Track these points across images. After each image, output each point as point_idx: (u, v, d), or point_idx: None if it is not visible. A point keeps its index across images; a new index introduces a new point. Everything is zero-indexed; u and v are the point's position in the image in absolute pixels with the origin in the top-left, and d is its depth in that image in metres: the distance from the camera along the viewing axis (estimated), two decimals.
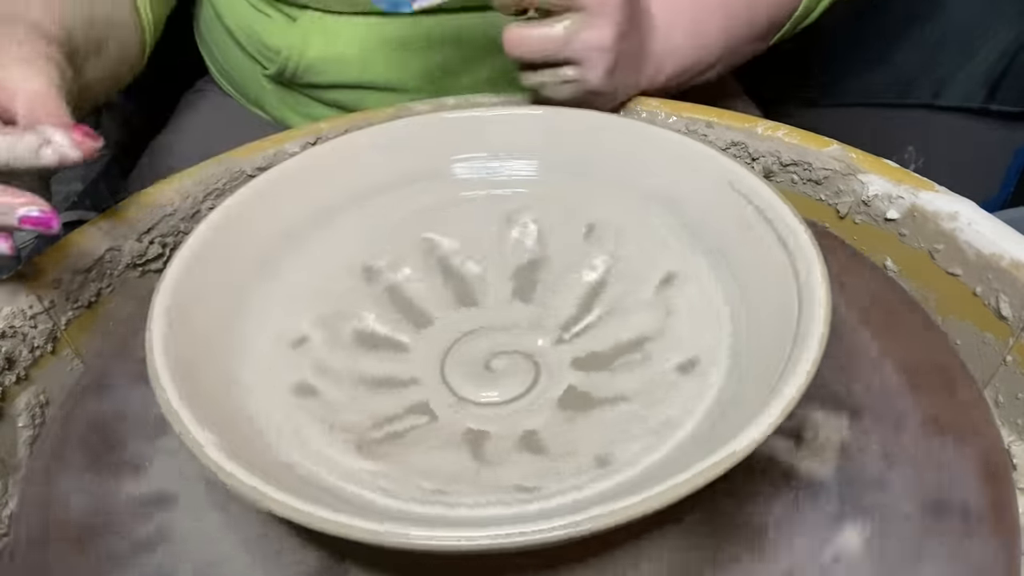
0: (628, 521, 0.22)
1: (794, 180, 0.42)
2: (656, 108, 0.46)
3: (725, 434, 0.24)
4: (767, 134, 0.43)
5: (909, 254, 0.37)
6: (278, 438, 0.28)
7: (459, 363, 0.33)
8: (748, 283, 0.32)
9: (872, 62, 0.93)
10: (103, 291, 0.39)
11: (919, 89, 0.92)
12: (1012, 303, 0.32)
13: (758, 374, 0.27)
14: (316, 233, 0.36)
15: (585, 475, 0.27)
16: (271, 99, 0.59)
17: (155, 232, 0.41)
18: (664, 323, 0.33)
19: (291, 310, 0.33)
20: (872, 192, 0.38)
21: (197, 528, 0.30)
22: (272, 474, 0.24)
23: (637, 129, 0.37)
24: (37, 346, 0.36)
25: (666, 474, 0.23)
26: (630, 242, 0.36)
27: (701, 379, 0.30)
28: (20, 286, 0.35)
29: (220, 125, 0.63)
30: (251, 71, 0.59)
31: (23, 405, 0.34)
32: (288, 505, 0.23)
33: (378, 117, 0.47)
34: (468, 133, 0.39)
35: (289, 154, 0.46)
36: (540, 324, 0.35)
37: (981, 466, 0.29)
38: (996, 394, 0.33)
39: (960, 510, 0.28)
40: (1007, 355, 0.33)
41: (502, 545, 0.22)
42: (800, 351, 0.25)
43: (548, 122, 0.39)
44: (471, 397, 0.32)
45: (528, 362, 0.33)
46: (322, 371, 0.32)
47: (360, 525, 0.22)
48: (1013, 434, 0.32)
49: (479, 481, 0.28)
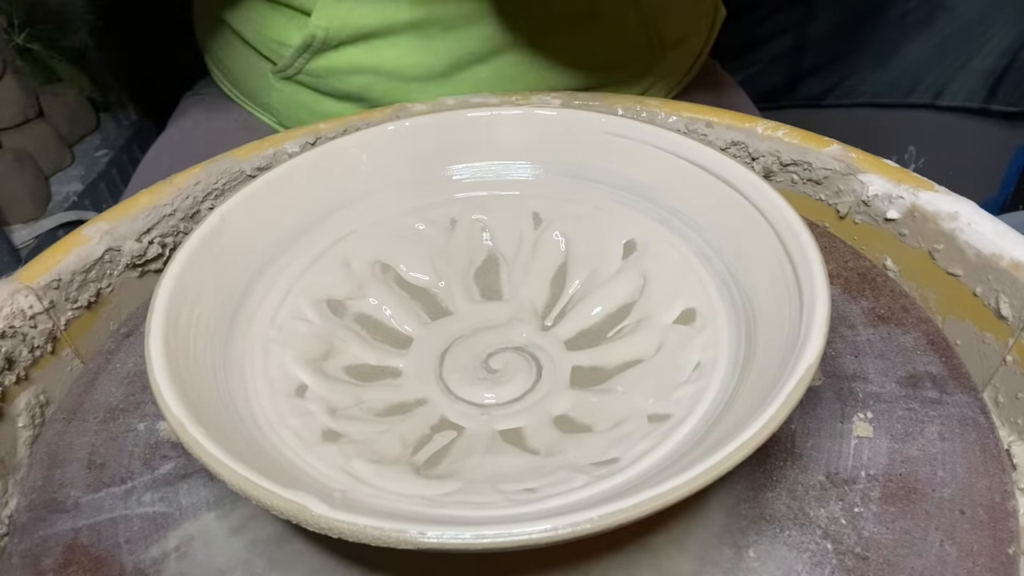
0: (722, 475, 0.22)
1: (794, 180, 0.42)
2: (656, 108, 0.46)
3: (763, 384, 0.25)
4: (767, 134, 0.43)
5: (909, 254, 0.37)
6: (329, 478, 0.27)
7: (458, 373, 0.33)
8: (744, 281, 0.32)
9: (873, 62, 0.93)
10: (103, 291, 0.39)
11: (919, 89, 0.92)
12: (1012, 303, 0.32)
13: (766, 339, 0.29)
14: (292, 260, 0.36)
15: (651, 436, 0.28)
16: (279, 97, 0.59)
17: (155, 232, 0.41)
18: (643, 286, 0.34)
19: (275, 353, 0.32)
20: (872, 192, 0.38)
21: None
22: (359, 511, 0.23)
23: (626, 129, 0.37)
24: (37, 346, 0.36)
25: (723, 430, 0.23)
26: (584, 224, 0.37)
27: (710, 328, 0.31)
28: (20, 286, 0.35)
29: (220, 126, 0.63)
30: (257, 71, 0.59)
31: (23, 405, 0.34)
32: (423, 542, 0.21)
33: (377, 117, 0.48)
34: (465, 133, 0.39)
35: (288, 154, 0.46)
36: (518, 318, 0.36)
37: (926, 342, 0.34)
38: (996, 394, 0.33)
39: (929, 377, 0.33)
40: (1007, 355, 0.33)
41: (637, 514, 0.21)
42: (801, 352, 0.25)
43: (520, 123, 0.39)
44: (485, 401, 0.32)
45: (523, 355, 0.34)
46: (335, 414, 0.31)
47: (518, 531, 0.21)
48: (1013, 434, 0.32)
49: (548, 471, 0.28)
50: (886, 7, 0.89)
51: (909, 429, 0.31)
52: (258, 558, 0.28)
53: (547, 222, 0.38)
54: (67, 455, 0.33)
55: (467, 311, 0.36)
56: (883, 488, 0.29)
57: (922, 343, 0.34)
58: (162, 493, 0.31)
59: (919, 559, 0.26)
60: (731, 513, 0.28)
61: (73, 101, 1.02)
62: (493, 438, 0.30)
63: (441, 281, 0.37)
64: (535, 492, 0.26)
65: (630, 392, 0.31)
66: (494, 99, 0.48)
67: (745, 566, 0.27)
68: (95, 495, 0.31)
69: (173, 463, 0.32)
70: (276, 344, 0.32)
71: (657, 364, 0.32)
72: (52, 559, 0.29)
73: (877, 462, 0.29)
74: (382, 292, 0.36)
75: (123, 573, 0.28)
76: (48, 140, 0.97)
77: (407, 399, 0.32)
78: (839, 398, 0.32)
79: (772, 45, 0.97)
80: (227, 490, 0.29)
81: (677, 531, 0.28)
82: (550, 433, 0.30)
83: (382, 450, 0.29)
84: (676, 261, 0.34)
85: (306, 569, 0.28)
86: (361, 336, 0.35)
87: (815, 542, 0.27)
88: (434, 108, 0.47)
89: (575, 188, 0.38)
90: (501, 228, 0.38)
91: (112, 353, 0.38)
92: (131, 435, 0.33)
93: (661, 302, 0.34)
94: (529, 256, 0.38)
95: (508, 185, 0.39)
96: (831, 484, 0.29)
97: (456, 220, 0.38)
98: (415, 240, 0.38)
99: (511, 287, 0.37)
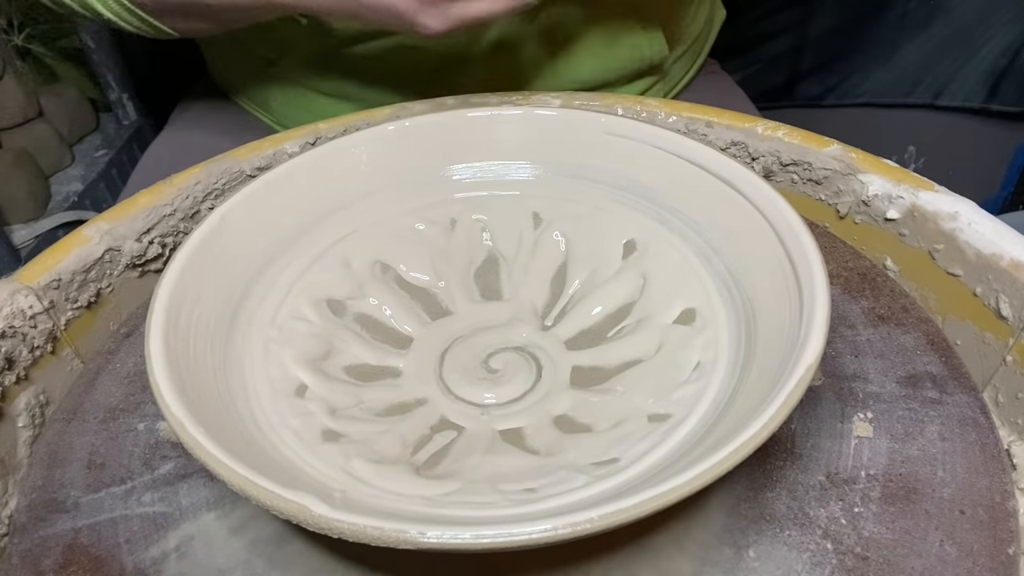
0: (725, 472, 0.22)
1: (794, 180, 0.42)
2: (656, 108, 0.46)
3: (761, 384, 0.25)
4: (767, 134, 0.43)
5: (909, 254, 0.37)
6: (329, 478, 0.27)
7: (458, 373, 0.33)
8: (744, 281, 0.32)
9: (873, 62, 0.93)
10: (103, 291, 0.39)
11: (919, 89, 0.92)
12: (1012, 303, 0.32)
13: (766, 339, 0.29)
14: (291, 261, 0.36)
15: (651, 436, 0.28)
16: (277, 96, 0.59)
17: (155, 232, 0.41)
18: (643, 286, 0.34)
19: (275, 353, 0.32)
20: (872, 192, 0.38)
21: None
22: (360, 512, 0.23)
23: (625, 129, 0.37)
24: (37, 346, 0.36)
25: (723, 430, 0.23)
26: (584, 224, 0.37)
27: (710, 328, 0.31)
28: (20, 286, 0.35)
29: (219, 125, 0.63)
30: (256, 70, 0.59)
31: (23, 405, 0.34)
32: (427, 542, 0.21)
33: (377, 117, 0.48)
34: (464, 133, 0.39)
35: (288, 154, 0.46)
36: (518, 318, 0.36)
37: (926, 342, 0.34)
38: (996, 394, 0.33)
39: (929, 377, 0.33)
40: (1007, 355, 0.33)
41: (638, 514, 0.21)
42: (801, 352, 0.25)
43: (524, 123, 0.39)
44: (485, 401, 0.32)
45: (523, 355, 0.34)
46: (335, 414, 0.31)
47: (518, 531, 0.21)
48: (1013, 434, 0.32)
49: (548, 471, 0.28)
50: (886, 7, 0.89)
51: (909, 429, 0.31)
52: (258, 558, 0.28)
53: (547, 222, 0.38)
54: (67, 455, 0.33)
55: (467, 311, 0.36)
56: (883, 488, 0.29)
57: (922, 343, 0.34)
58: (162, 493, 0.31)
59: (919, 559, 0.26)
60: (731, 513, 0.28)
61: (73, 101, 1.02)
62: (493, 438, 0.30)
63: (441, 281, 0.37)
64: (535, 492, 0.26)
65: (630, 392, 0.31)
66: (494, 99, 0.48)
67: (745, 566, 0.27)
68: (95, 495, 0.31)
69: (173, 463, 0.32)
70: (276, 344, 0.32)
71: (657, 364, 0.32)
72: (52, 559, 0.29)
73: (877, 462, 0.30)
74: (382, 292, 0.36)
75: (123, 573, 0.28)
76: (48, 140, 0.97)
77: (407, 399, 0.32)
78: (839, 398, 0.32)
79: (772, 45, 0.97)
80: (227, 490, 0.29)
81: (677, 531, 0.28)
82: (550, 433, 0.30)
83: (382, 450, 0.29)
84: (676, 261, 0.34)
85: (306, 569, 0.28)
86: (361, 336, 0.35)
87: (815, 542, 0.27)
88: (434, 108, 0.47)
89: (575, 188, 0.38)
90: (501, 228, 0.38)
91: (112, 353, 0.38)
92: (131, 435, 0.33)
93: (661, 302, 0.34)
94: (529, 256, 0.38)
95: (508, 185, 0.39)
96: (831, 484, 0.29)
97: (456, 220, 0.38)
98: (415, 240, 0.38)
99: (511, 287, 0.37)
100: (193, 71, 0.71)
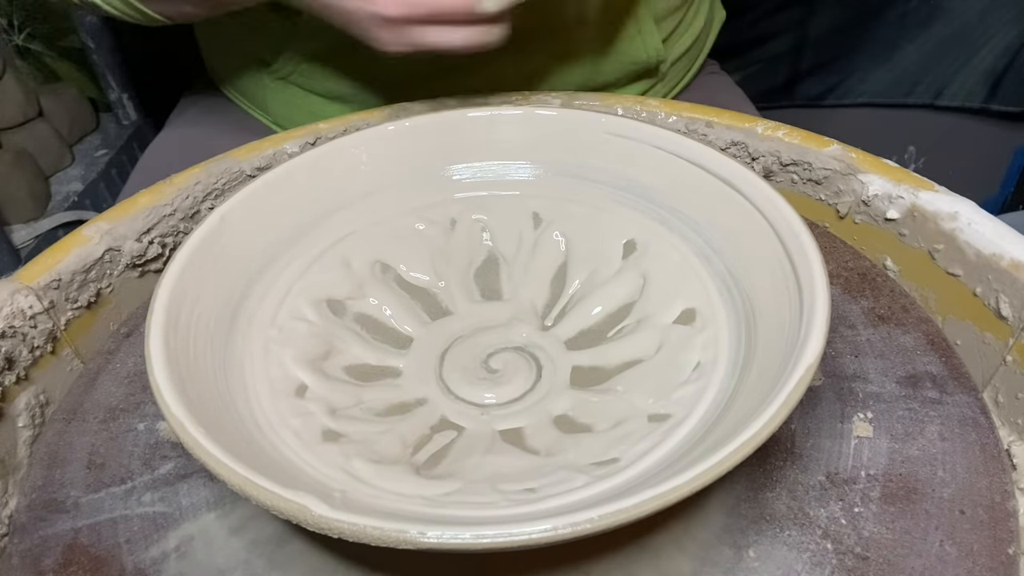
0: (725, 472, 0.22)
1: (794, 180, 0.42)
2: (656, 108, 0.46)
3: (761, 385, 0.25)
4: (767, 134, 0.43)
5: (909, 254, 0.37)
6: (329, 478, 0.27)
7: (458, 373, 0.33)
8: (744, 281, 0.32)
9: (873, 62, 0.93)
10: (103, 291, 0.39)
11: (919, 89, 0.92)
12: (1012, 303, 0.32)
13: (766, 339, 0.29)
14: (293, 260, 0.36)
15: (651, 436, 0.28)
16: (273, 97, 0.59)
17: (155, 232, 0.41)
18: (643, 286, 0.35)
19: (275, 353, 0.32)
20: (872, 192, 0.38)
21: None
22: (360, 512, 0.23)
23: (625, 129, 0.37)
24: (37, 346, 0.36)
25: (723, 430, 0.24)
26: (584, 224, 0.37)
27: (710, 328, 0.31)
28: (20, 286, 0.35)
29: (219, 125, 0.63)
30: (252, 71, 0.59)
31: (23, 405, 0.34)
32: (431, 542, 0.21)
33: (377, 117, 0.48)
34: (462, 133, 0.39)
35: (288, 154, 0.46)
36: (518, 318, 0.36)
37: (926, 342, 0.34)
38: (996, 394, 0.33)
39: (929, 377, 0.33)
40: (1007, 355, 0.33)
41: (638, 514, 0.21)
42: (801, 352, 0.25)
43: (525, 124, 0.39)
44: (485, 401, 0.32)
45: (523, 355, 0.34)
46: (335, 414, 0.31)
47: (518, 531, 0.21)
48: (1013, 434, 0.32)
49: (548, 471, 0.28)
50: (886, 7, 0.89)
51: (909, 429, 0.31)
52: (258, 558, 0.28)
53: (547, 222, 0.38)
54: (67, 455, 0.33)
55: (467, 311, 0.36)
56: (883, 488, 0.29)
57: (922, 343, 0.34)
58: (162, 493, 0.31)
59: (919, 559, 0.26)
60: (731, 513, 0.28)
61: (73, 101, 1.02)
62: (493, 438, 0.30)
63: (441, 281, 0.37)
64: (535, 492, 0.26)
65: (630, 392, 0.31)
66: (494, 99, 0.48)
67: (745, 566, 0.27)
68: (95, 495, 0.31)
69: (173, 463, 0.32)
70: (276, 344, 0.32)
71: (657, 364, 0.32)
72: (52, 559, 0.29)
73: (877, 462, 0.30)
74: (382, 292, 0.36)
75: (123, 573, 0.28)
76: (48, 140, 0.97)
77: (407, 399, 0.32)
78: (839, 398, 0.32)
79: (772, 45, 0.97)
80: (227, 490, 0.29)
81: (677, 531, 0.28)
82: (550, 433, 0.30)
83: (382, 450, 0.29)
84: (676, 261, 0.34)
85: (306, 569, 0.28)
86: (361, 336, 0.35)
87: (815, 542, 0.27)
88: (434, 108, 0.47)
89: (575, 188, 0.38)
90: (501, 228, 0.38)
91: (112, 353, 0.38)
92: (131, 435, 0.33)
93: (661, 302, 0.34)
94: (529, 256, 0.38)
95: (508, 185, 0.39)
96: (831, 484, 0.29)
97: (456, 220, 0.38)
98: (415, 240, 0.38)
99: (511, 287, 0.37)
100: (192, 71, 0.71)
